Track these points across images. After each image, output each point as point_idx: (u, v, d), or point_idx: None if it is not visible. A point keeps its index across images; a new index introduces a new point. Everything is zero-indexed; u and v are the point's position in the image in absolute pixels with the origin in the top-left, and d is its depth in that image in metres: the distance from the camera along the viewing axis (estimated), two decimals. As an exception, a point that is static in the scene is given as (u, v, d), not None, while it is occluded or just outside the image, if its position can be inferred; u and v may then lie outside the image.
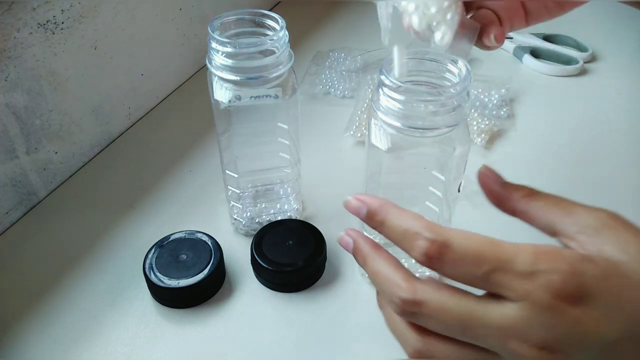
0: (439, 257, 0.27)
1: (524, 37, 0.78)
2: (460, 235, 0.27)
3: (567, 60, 0.74)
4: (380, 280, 0.29)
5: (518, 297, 0.26)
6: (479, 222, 0.51)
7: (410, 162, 0.40)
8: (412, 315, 0.28)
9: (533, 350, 0.26)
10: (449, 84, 0.36)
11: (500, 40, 0.37)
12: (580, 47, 0.76)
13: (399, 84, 0.34)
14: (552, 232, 0.29)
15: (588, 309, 0.25)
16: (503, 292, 0.26)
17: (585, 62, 0.74)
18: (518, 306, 0.26)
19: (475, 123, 0.62)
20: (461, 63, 0.35)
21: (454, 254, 0.26)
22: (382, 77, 0.34)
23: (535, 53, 0.75)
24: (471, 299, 0.27)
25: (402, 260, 0.43)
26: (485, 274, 0.26)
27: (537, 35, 0.79)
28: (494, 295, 0.27)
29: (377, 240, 0.43)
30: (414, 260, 0.28)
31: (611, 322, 0.26)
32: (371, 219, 0.30)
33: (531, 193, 0.30)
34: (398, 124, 0.35)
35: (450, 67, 0.36)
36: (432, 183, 0.44)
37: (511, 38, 0.78)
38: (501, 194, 0.31)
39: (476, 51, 0.37)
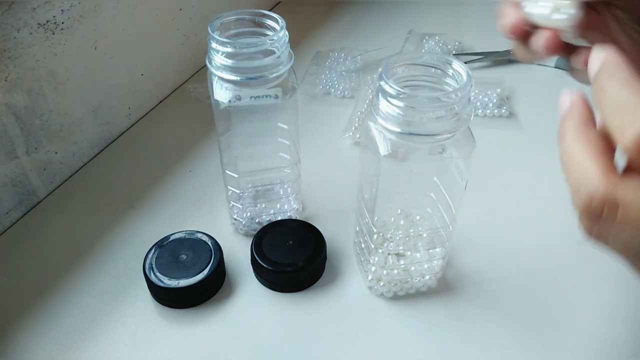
0: None
1: None
2: None
3: None
4: (570, 166, 0.24)
5: None
6: (482, 219, 0.51)
7: (410, 167, 0.40)
8: (597, 220, 0.23)
9: None
10: (450, 89, 0.36)
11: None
12: None
13: (399, 89, 0.33)
14: None
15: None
16: None
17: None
18: None
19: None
20: (462, 69, 0.35)
21: None
22: (382, 83, 0.34)
23: None
24: None
25: (389, 236, 0.44)
26: None
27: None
28: None
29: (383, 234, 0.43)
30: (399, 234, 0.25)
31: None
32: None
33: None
34: (398, 130, 0.34)
35: (451, 72, 0.36)
36: (434, 188, 0.44)
37: None
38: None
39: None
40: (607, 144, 0.24)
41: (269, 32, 0.41)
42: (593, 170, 0.23)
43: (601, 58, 0.25)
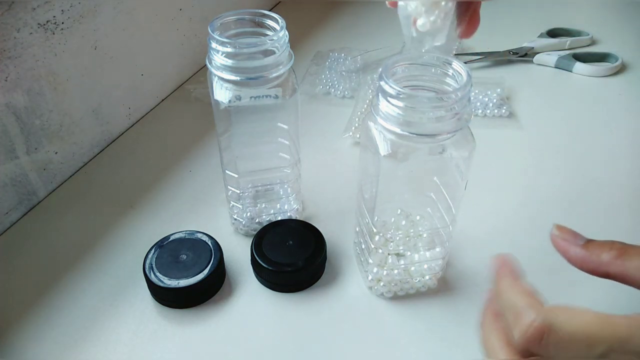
0: (539, 339, 0.24)
1: (543, 43, 0.77)
2: (566, 314, 0.25)
3: (607, 58, 0.75)
4: (486, 349, 0.28)
5: None
6: (482, 219, 0.51)
7: (410, 167, 0.40)
8: None
9: None
10: (450, 89, 0.36)
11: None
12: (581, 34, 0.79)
13: (399, 89, 0.33)
14: None
15: None
16: None
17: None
18: None
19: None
20: (462, 69, 0.35)
21: (558, 335, 0.24)
22: (382, 83, 0.34)
23: (580, 59, 0.74)
24: None
25: (389, 237, 0.44)
26: (601, 355, 0.24)
27: (542, 36, 0.79)
28: None
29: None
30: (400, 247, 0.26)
31: None
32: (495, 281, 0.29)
33: (623, 251, 0.27)
34: (398, 130, 0.34)
35: (451, 72, 0.36)
36: (434, 188, 0.44)
37: (531, 49, 0.77)
38: (587, 257, 0.28)
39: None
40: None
41: (269, 32, 0.41)
42: (502, 356, 0.27)
43: (497, 263, 0.29)
